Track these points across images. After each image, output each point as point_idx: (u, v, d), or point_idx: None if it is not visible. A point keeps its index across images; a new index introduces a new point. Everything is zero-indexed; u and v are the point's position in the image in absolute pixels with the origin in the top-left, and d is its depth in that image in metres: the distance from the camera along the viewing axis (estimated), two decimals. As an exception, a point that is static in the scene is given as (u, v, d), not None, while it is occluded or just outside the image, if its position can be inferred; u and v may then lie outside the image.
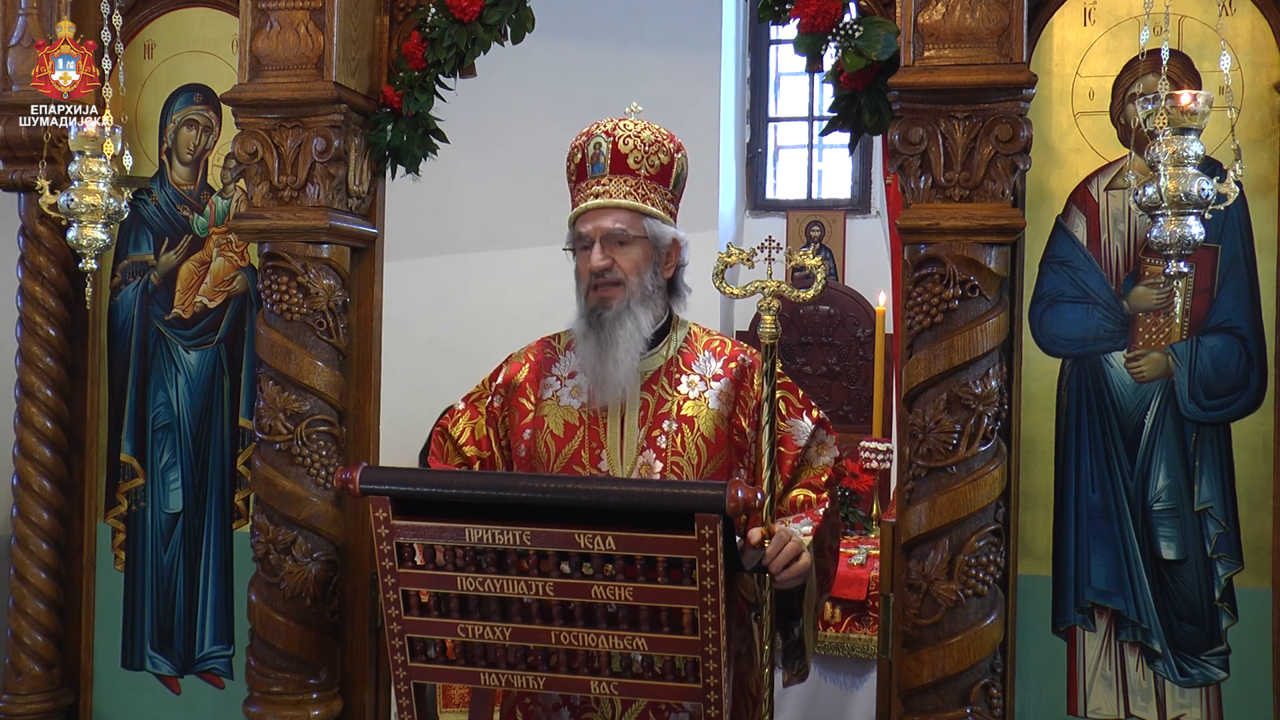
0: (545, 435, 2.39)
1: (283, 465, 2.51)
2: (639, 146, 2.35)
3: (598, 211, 2.34)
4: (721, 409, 2.37)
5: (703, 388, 2.38)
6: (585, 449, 2.36)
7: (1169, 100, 2.03)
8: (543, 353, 2.50)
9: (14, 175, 2.77)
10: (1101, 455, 2.37)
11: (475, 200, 6.49)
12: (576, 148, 2.41)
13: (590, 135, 2.39)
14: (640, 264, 2.34)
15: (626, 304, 2.32)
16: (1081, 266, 2.37)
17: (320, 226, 2.49)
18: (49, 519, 2.79)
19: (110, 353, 2.86)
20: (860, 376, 7.18)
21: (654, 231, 2.35)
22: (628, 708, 2.29)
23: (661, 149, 2.38)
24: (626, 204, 2.33)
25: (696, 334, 2.47)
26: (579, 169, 2.39)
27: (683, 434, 2.35)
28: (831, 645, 4.05)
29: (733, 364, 2.42)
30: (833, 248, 7.69)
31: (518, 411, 2.44)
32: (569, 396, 2.41)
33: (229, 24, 2.73)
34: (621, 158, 2.35)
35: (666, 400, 2.37)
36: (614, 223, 2.32)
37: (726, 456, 2.37)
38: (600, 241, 2.32)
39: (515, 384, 2.46)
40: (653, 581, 2.00)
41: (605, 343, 2.30)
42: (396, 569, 2.07)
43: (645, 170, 2.36)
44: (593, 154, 2.36)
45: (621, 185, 2.34)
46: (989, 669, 2.26)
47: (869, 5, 2.38)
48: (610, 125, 2.38)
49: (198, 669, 2.83)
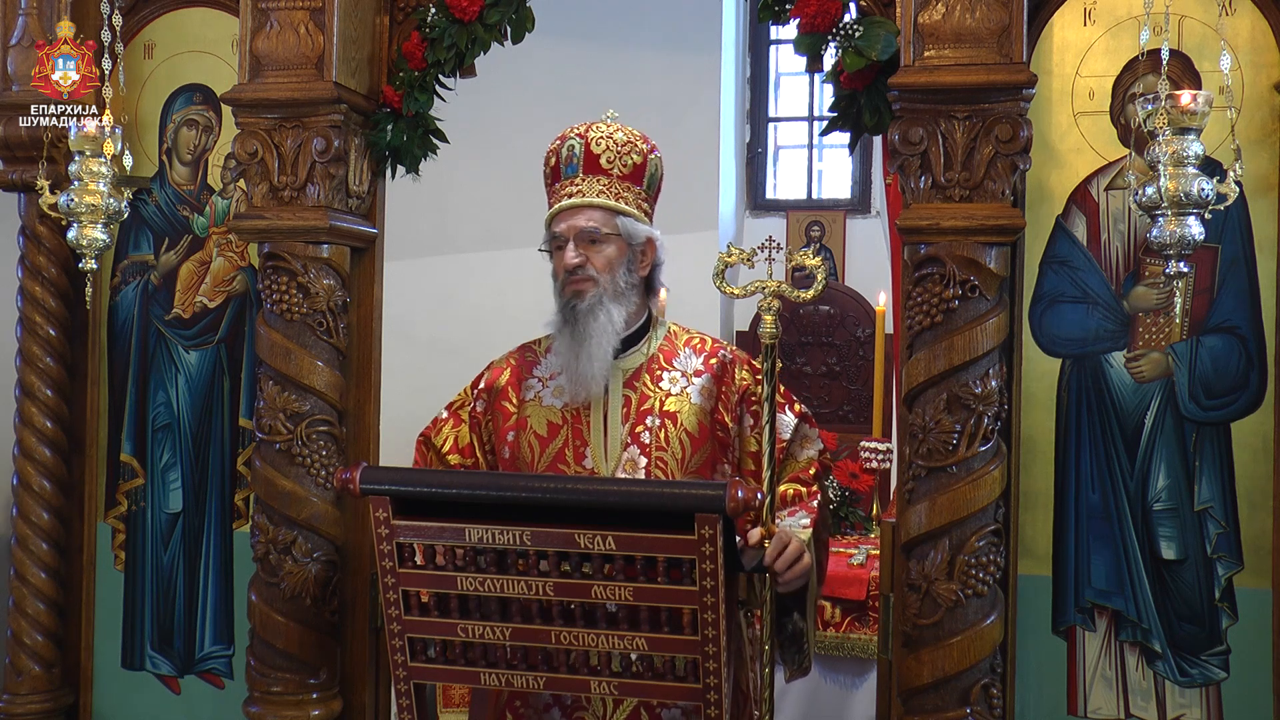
0: (529, 436, 2.41)
1: (283, 465, 2.51)
2: (611, 147, 2.39)
3: (571, 211, 2.37)
4: (704, 404, 2.40)
5: (684, 383, 2.41)
6: (569, 447, 2.37)
7: (1169, 100, 2.03)
8: (523, 356, 2.53)
9: (14, 175, 2.77)
10: (1101, 455, 2.37)
11: (475, 200, 6.49)
12: (551, 151, 2.45)
13: (564, 139, 2.42)
14: (613, 261, 2.36)
15: (599, 298, 2.34)
16: (1081, 266, 2.37)
17: (320, 226, 2.49)
18: (49, 519, 2.79)
19: (110, 353, 2.86)
20: (860, 376, 7.18)
21: (627, 229, 2.38)
22: (619, 706, 2.30)
23: (634, 149, 2.41)
24: (599, 202, 2.36)
25: (676, 332, 2.50)
26: (553, 171, 2.43)
27: (666, 429, 2.37)
28: (831, 645, 4.05)
29: (713, 360, 2.45)
30: (833, 248, 7.69)
31: (500, 415, 2.46)
32: (551, 397, 2.43)
33: (229, 24, 2.73)
34: (594, 158, 2.38)
35: (649, 396, 2.39)
36: (587, 221, 2.36)
37: (710, 451, 2.39)
38: (574, 240, 2.36)
39: (497, 388, 2.49)
40: (653, 581, 2.00)
41: (579, 336, 2.33)
42: (396, 569, 2.07)
43: (618, 170, 2.39)
44: (566, 156, 2.40)
45: (594, 185, 2.37)
46: (989, 669, 2.26)
47: (869, 5, 2.38)
48: (584, 128, 2.42)
49: (198, 669, 2.83)
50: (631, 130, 2.44)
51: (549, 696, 2.33)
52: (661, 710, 2.31)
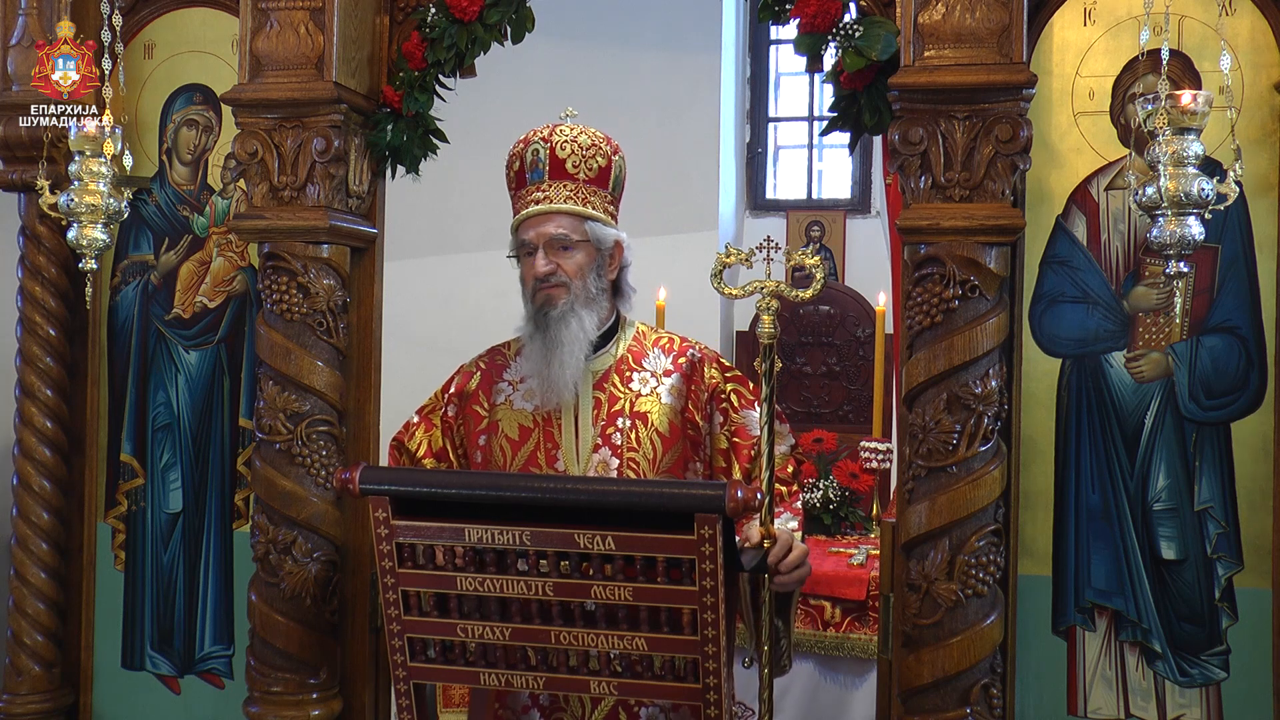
0: (500, 440, 2.42)
1: (283, 465, 2.51)
2: (576, 151, 2.38)
3: (540, 217, 2.37)
4: (674, 403, 2.40)
5: (654, 384, 2.42)
6: (540, 450, 2.38)
7: (1169, 100, 2.03)
8: (493, 360, 2.53)
9: (14, 175, 2.77)
10: (1101, 455, 2.37)
11: (475, 200, 6.45)
12: (514, 155, 2.44)
13: (527, 142, 2.41)
14: (584, 267, 2.37)
15: (571, 305, 2.34)
16: (1081, 266, 2.37)
17: (320, 226, 2.49)
18: (49, 519, 2.79)
19: (110, 353, 2.86)
20: (860, 376, 7.18)
21: (596, 234, 2.38)
22: (597, 705, 2.31)
23: (599, 152, 2.41)
24: (567, 208, 2.36)
25: (644, 332, 2.50)
26: (518, 176, 2.43)
27: (637, 430, 2.37)
28: (831, 645, 4.05)
29: (682, 359, 2.46)
30: (833, 248, 7.69)
31: (472, 419, 2.47)
32: (522, 400, 2.44)
33: (229, 24, 2.73)
34: (559, 163, 2.38)
35: (619, 398, 2.40)
36: (556, 228, 2.36)
37: (681, 450, 2.40)
38: (544, 247, 2.35)
39: (468, 393, 2.49)
40: (652, 581, 2.00)
41: (551, 343, 2.33)
42: (396, 569, 2.07)
43: (584, 174, 2.39)
44: (531, 160, 2.40)
45: (561, 190, 2.37)
46: (989, 669, 2.26)
47: (869, 5, 2.38)
48: (547, 131, 2.41)
49: (198, 669, 2.83)
50: (594, 132, 2.43)
51: (526, 697, 2.34)
52: (640, 709, 2.32)
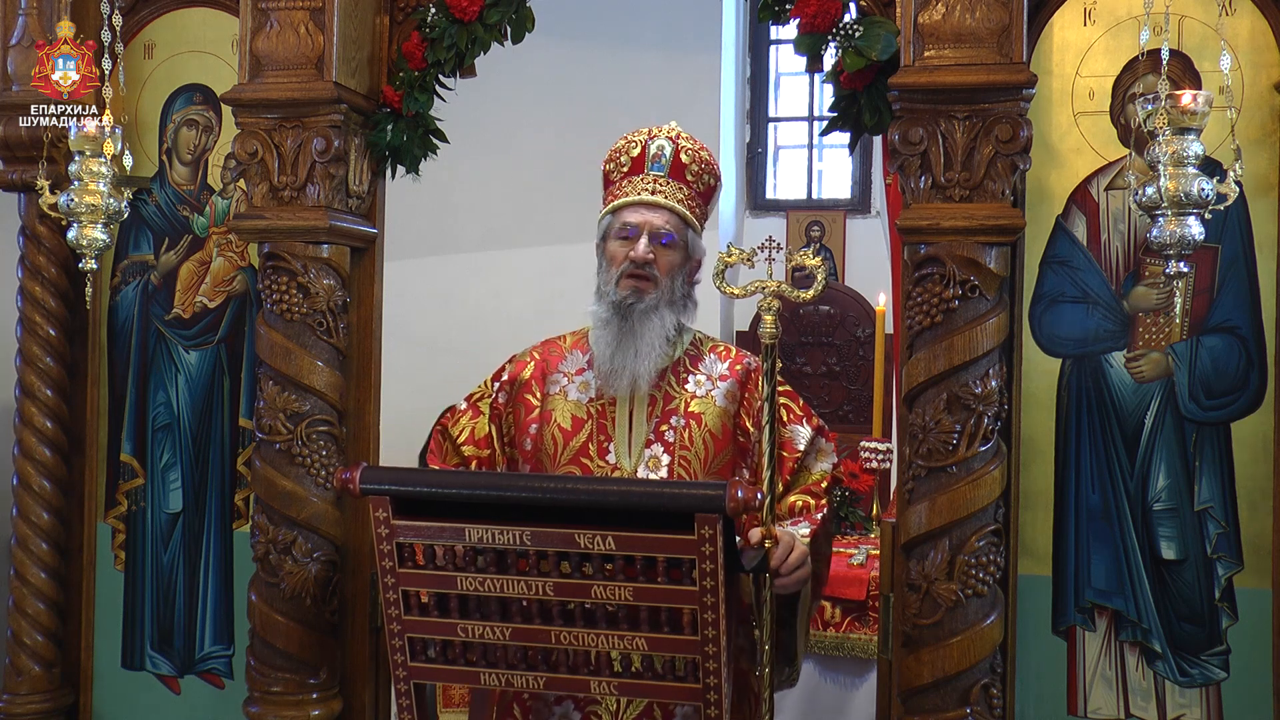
0: (552, 429, 2.42)
1: (283, 465, 2.51)
2: (697, 160, 2.46)
3: (650, 207, 2.39)
4: (728, 407, 2.42)
5: (710, 386, 2.44)
6: (593, 441, 2.39)
7: (1169, 100, 2.03)
8: (548, 351, 2.54)
9: (14, 175, 2.77)
10: (1101, 455, 2.37)
11: (475, 200, 6.49)
12: (635, 142, 2.46)
13: (653, 135, 2.46)
14: (675, 268, 2.41)
15: (657, 302, 2.37)
16: (1081, 266, 2.37)
17: (320, 226, 2.49)
18: (49, 519, 2.79)
19: (110, 353, 2.86)
20: (860, 376, 7.17)
21: (692, 243, 2.44)
22: (631, 702, 2.31)
23: (712, 173, 2.49)
24: (679, 209, 2.41)
25: (701, 339, 2.53)
26: (635, 162, 2.44)
27: (690, 429, 2.39)
28: (831, 645, 4.05)
29: (738, 366, 2.48)
30: (833, 248, 7.68)
31: (523, 407, 2.47)
32: (577, 391, 2.45)
33: (229, 24, 2.73)
34: (682, 166, 2.43)
35: (675, 397, 2.42)
36: (664, 222, 2.39)
37: (731, 454, 2.41)
38: (647, 234, 2.37)
39: (521, 381, 2.50)
40: (653, 581, 1.99)
41: (628, 332, 2.35)
42: (396, 569, 2.07)
43: (699, 186, 2.46)
44: (655, 153, 2.43)
45: (677, 191, 2.42)
46: (989, 669, 2.26)
47: (869, 5, 2.38)
48: (673, 132, 2.46)
49: (198, 669, 2.83)
50: (710, 154, 2.49)
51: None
52: (675, 707, 2.32)
